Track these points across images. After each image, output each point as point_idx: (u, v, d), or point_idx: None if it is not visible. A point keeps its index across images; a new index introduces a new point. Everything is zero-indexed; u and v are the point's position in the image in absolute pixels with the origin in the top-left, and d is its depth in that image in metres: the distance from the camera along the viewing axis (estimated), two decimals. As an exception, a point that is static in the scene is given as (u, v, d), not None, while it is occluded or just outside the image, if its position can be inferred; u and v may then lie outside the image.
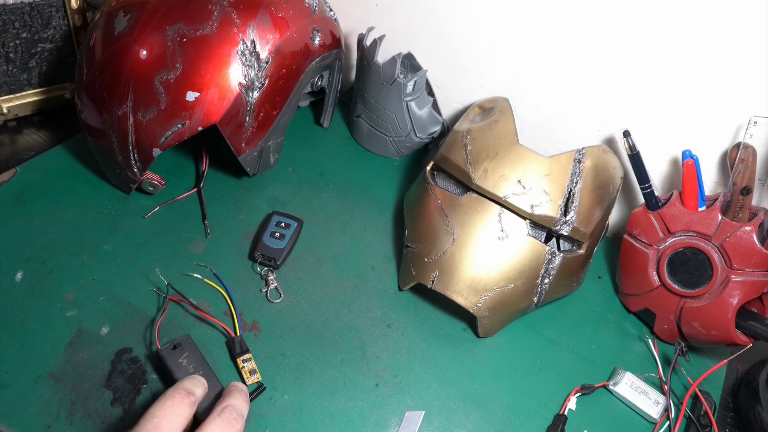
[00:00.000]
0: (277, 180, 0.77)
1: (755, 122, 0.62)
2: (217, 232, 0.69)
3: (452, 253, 0.62)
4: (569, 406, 0.60)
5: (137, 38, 0.61)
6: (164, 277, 0.62)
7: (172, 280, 0.62)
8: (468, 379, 0.60)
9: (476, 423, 0.57)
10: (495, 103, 0.71)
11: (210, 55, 0.61)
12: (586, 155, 0.64)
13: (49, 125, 0.79)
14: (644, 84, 0.68)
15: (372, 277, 0.68)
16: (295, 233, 0.68)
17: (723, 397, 0.65)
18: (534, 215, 0.61)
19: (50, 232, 0.65)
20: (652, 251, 0.66)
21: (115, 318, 0.59)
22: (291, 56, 0.68)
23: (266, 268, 0.66)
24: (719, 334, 0.62)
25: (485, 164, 0.63)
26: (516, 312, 0.64)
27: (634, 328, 0.69)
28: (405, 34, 0.82)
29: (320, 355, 0.59)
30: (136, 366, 0.55)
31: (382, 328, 0.63)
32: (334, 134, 0.86)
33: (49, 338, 0.56)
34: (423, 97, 0.78)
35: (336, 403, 0.56)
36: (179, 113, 0.62)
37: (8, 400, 0.51)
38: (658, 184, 0.73)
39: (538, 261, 0.62)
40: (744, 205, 0.62)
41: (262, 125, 0.68)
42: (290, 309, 0.63)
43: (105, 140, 0.65)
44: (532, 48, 0.73)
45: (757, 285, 0.60)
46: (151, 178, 0.68)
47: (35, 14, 0.72)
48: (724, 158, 0.67)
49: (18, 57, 0.74)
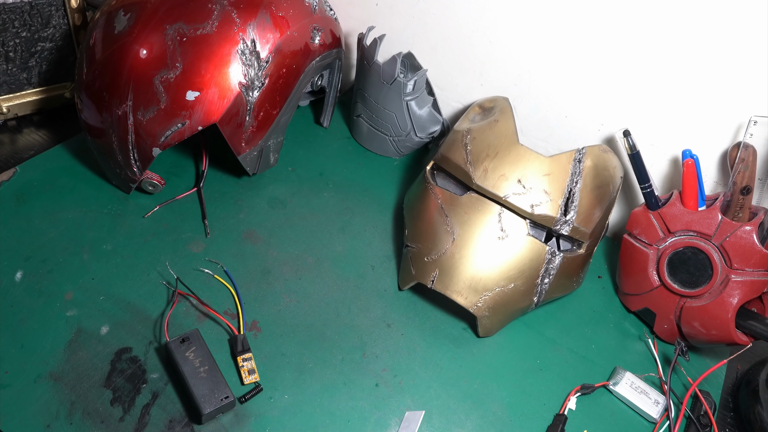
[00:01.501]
0: (277, 179, 0.77)
1: (755, 122, 0.62)
2: (216, 231, 0.69)
3: (452, 252, 0.62)
4: (569, 406, 0.60)
5: (137, 37, 0.61)
6: (165, 275, 0.62)
7: (173, 279, 0.62)
8: (468, 378, 0.60)
9: (476, 423, 0.57)
10: (495, 102, 0.71)
11: (210, 55, 0.61)
12: (586, 155, 0.64)
13: (49, 125, 0.79)
14: (644, 84, 0.68)
15: (372, 276, 0.68)
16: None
17: (723, 397, 0.65)
18: (534, 215, 0.61)
19: (50, 232, 0.65)
20: (652, 251, 0.66)
21: (115, 317, 0.58)
22: (291, 55, 0.67)
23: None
24: (719, 333, 0.62)
25: (485, 164, 0.63)
26: (516, 312, 0.64)
27: (634, 327, 0.69)
28: (405, 34, 0.82)
29: (320, 355, 0.59)
30: (136, 365, 0.55)
31: (382, 327, 0.63)
32: (334, 134, 0.86)
33: (48, 338, 0.56)
34: (423, 97, 0.78)
35: (336, 402, 0.56)
36: (179, 113, 0.62)
37: (8, 400, 0.51)
38: (658, 184, 0.73)
39: (538, 261, 0.62)
40: (744, 204, 0.62)
41: (262, 125, 0.68)
42: (290, 309, 0.63)
43: (105, 140, 0.65)
44: (532, 48, 0.73)
45: (757, 285, 0.60)
46: (150, 177, 0.68)
47: (35, 13, 0.72)
48: (724, 158, 0.67)
49: (18, 56, 0.74)
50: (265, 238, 0.69)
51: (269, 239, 0.69)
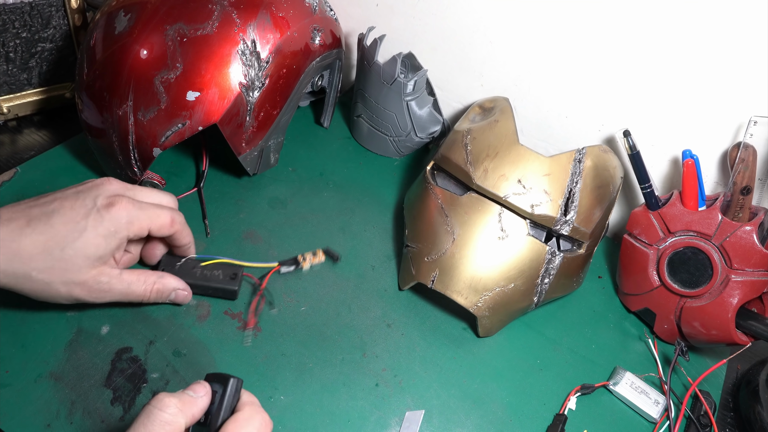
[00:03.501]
0: (278, 179, 0.77)
1: (755, 122, 0.62)
2: (217, 231, 0.69)
3: (452, 252, 0.62)
4: (569, 406, 0.60)
5: (138, 38, 0.61)
6: None
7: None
8: (468, 378, 0.60)
9: (476, 423, 0.57)
10: (495, 102, 0.71)
11: (210, 55, 0.61)
12: (586, 155, 0.64)
13: (50, 125, 0.79)
14: (644, 84, 0.68)
15: (372, 276, 0.68)
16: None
17: (723, 397, 0.65)
18: (534, 215, 0.61)
19: (50, 232, 0.65)
20: (652, 251, 0.66)
21: (116, 317, 0.59)
22: (291, 56, 0.68)
23: None
24: (719, 333, 0.62)
25: (485, 164, 0.63)
26: (516, 312, 0.64)
27: (634, 327, 0.69)
28: (405, 34, 0.82)
29: (320, 355, 0.59)
30: (136, 365, 0.55)
31: (382, 327, 0.63)
32: (335, 134, 0.86)
33: (49, 337, 0.56)
34: (423, 97, 0.78)
35: (336, 402, 0.56)
36: (179, 113, 0.62)
37: (8, 399, 0.51)
38: (658, 184, 0.73)
39: (538, 261, 0.62)
40: (744, 204, 0.62)
41: (262, 125, 0.68)
42: (290, 309, 0.63)
43: (105, 140, 0.65)
44: (532, 48, 0.73)
45: (757, 285, 0.60)
46: (151, 177, 0.68)
47: (35, 14, 0.72)
48: (724, 158, 0.67)
49: (18, 57, 0.74)
50: (265, 238, 0.69)
51: (269, 239, 0.69)
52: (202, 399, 0.42)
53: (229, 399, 0.43)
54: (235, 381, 0.43)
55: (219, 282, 0.60)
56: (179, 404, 0.40)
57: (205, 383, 0.43)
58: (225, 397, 0.42)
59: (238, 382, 0.43)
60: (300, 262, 0.66)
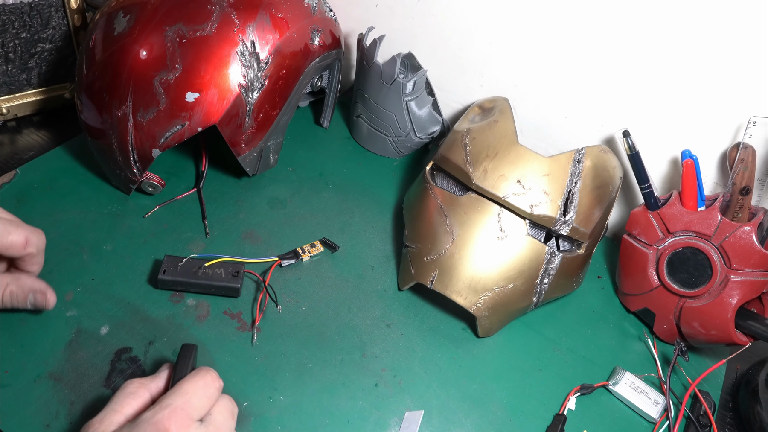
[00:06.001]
0: (277, 180, 0.77)
1: (755, 122, 0.62)
2: (216, 231, 0.69)
3: (452, 252, 0.62)
4: (569, 406, 0.60)
5: (137, 39, 0.61)
6: None
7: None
8: (468, 379, 0.60)
9: (476, 423, 0.57)
10: (495, 103, 0.72)
11: (210, 56, 0.61)
12: (585, 155, 0.64)
13: (49, 125, 0.79)
14: (644, 84, 0.68)
15: (371, 277, 0.68)
16: None
17: (722, 397, 0.65)
18: (533, 215, 0.61)
19: (50, 233, 0.65)
20: (651, 251, 0.66)
21: (115, 318, 0.59)
22: (291, 57, 0.68)
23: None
24: (719, 334, 0.62)
25: (485, 164, 0.63)
26: (515, 312, 0.64)
27: (633, 328, 0.69)
28: (405, 34, 0.82)
29: (320, 355, 0.59)
30: (136, 365, 0.55)
31: (382, 328, 0.63)
32: (334, 134, 0.86)
33: (48, 338, 0.56)
34: (423, 97, 0.78)
35: (335, 402, 0.56)
36: (179, 114, 0.62)
37: (8, 400, 0.51)
38: (658, 184, 0.73)
39: (537, 261, 0.62)
40: (743, 205, 0.62)
41: (261, 126, 0.68)
42: (290, 309, 0.63)
43: (105, 141, 0.65)
44: (532, 48, 0.73)
45: (757, 285, 0.60)
46: (150, 178, 0.68)
47: (35, 14, 0.72)
48: (723, 158, 0.67)
49: (17, 57, 0.74)
50: (264, 238, 0.69)
51: (269, 239, 0.69)
52: (163, 372, 0.47)
53: (182, 362, 0.47)
54: (186, 347, 0.48)
55: (221, 280, 0.61)
56: (141, 380, 0.46)
57: (169, 363, 0.48)
58: (178, 361, 0.47)
59: (189, 348, 0.48)
60: (300, 254, 0.66)
